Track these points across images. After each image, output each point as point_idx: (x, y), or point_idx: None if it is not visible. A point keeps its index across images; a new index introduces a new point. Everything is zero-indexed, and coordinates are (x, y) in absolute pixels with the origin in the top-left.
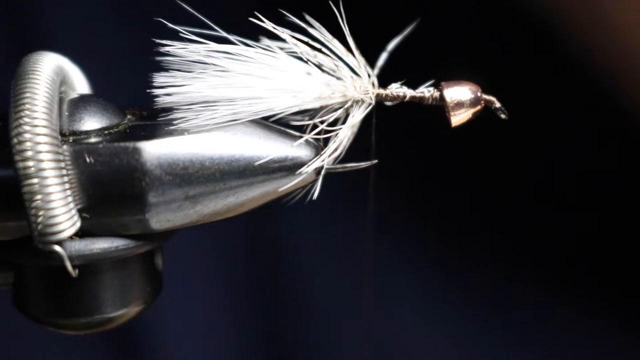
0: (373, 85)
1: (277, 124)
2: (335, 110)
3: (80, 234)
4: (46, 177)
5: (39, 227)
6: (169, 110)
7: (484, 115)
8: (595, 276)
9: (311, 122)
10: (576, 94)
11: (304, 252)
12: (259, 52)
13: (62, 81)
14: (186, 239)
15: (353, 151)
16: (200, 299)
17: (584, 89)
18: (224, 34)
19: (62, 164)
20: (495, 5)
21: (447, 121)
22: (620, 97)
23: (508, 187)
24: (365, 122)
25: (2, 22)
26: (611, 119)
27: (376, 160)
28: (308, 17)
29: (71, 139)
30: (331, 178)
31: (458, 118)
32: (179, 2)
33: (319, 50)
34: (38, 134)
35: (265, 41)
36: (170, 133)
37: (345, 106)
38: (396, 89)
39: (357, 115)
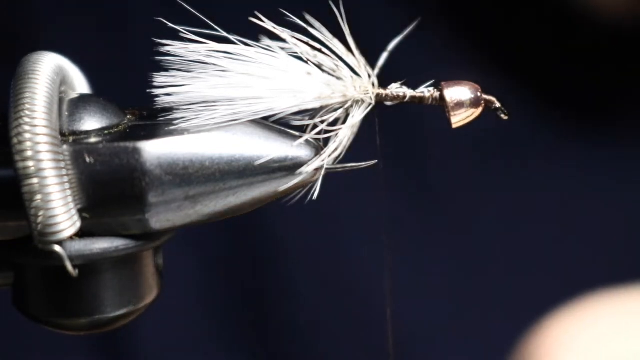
0: (373, 85)
1: (277, 124)
2: (335, 110)
3: (80, 234)
4: (46, 177)
5: (39, 227)
6: (169, 110)
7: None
8: None
9: (311, 122)
10: (578, 93)
11: (288, 252)
12: (259, 52)
13: (62, 81)
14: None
15: (353, 151)
16: (181, 301)
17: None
18: (224, 34)
19: (62, 164)
20: (494, 5)
21: (448, 121)
22: None
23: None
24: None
25: (2, 22)
26: None
27: (376, 160)
28: (308, 17)
29: (71, 139)
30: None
31: (458, 118)
32: (179, 1)
33: (319, 50)
34: (38, 134)
35: (266, 41)
36: (170, 133)
37: (346, 106)
38: (396, 89)
39: (357, 115)
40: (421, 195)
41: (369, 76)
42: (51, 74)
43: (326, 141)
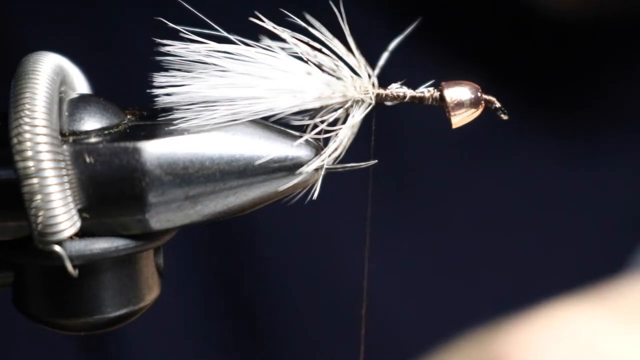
0: (373, 85)
1: (277, 124)
2: (336, 110)
3: (80, 234)
4: (46, 177)
5: (39, 227)
6: (169, 110)
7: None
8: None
9: (311, 122)
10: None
11: (277, 252)
12: (260, 52)
13: (62, 81)
14: None
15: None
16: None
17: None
18: (225, 34)
19: (62, 164)
20: (495, 5)
21: (448, 122)
22: None
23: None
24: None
25: (2, 22)
26: None
27: (376, 160)
28: (309, 17)
29: (71, 139)
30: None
31: (458, 118)
32: (180, 1)
33: (319, 50)
34: (38, 134)
35: (266, 41)
36: (170, 133)
37: (345, 106)
38: (396, 89)
39: (357, 116)
40: (402, 193)
41: (369, 76)
42: (51, 74)
43: (326, 141)
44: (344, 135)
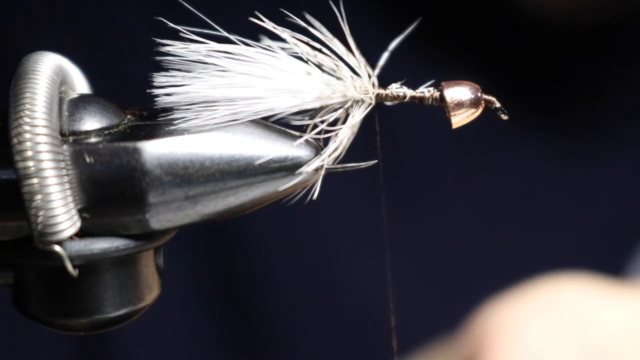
0: (373, 85)
1: (277, 124)
2: (336, 110)
3: (80, 234)
4: (46, 177)
5: (39, 227)
6: (169, 110)
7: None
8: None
9: (311, 122)
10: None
11: (273, 251)
12: (260, 52)
13: (62, 81)
14: None
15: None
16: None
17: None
18: (225, 34)
19: (62, 164)
20: (495, 5)
21: (448, 122)
22: None
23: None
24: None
25: (2, 22)
26: None
27: (376, 160)
28: (309, 17)
29: (71, 139)
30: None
31: (458, 118)
32: (180, 1)
33: (319, 50)
34: (38, 134)
35: (266, 41)
36: (170, 133)
37: (346, 106)
38: (396, 89)
39: (357, 115)
40: (401, 193)
41: (369, 76)
42: (51, 74)
43: (326, 141)
44: (344, 135)
